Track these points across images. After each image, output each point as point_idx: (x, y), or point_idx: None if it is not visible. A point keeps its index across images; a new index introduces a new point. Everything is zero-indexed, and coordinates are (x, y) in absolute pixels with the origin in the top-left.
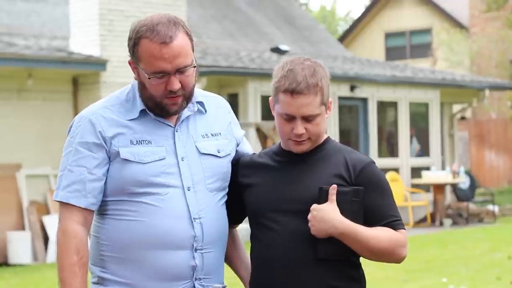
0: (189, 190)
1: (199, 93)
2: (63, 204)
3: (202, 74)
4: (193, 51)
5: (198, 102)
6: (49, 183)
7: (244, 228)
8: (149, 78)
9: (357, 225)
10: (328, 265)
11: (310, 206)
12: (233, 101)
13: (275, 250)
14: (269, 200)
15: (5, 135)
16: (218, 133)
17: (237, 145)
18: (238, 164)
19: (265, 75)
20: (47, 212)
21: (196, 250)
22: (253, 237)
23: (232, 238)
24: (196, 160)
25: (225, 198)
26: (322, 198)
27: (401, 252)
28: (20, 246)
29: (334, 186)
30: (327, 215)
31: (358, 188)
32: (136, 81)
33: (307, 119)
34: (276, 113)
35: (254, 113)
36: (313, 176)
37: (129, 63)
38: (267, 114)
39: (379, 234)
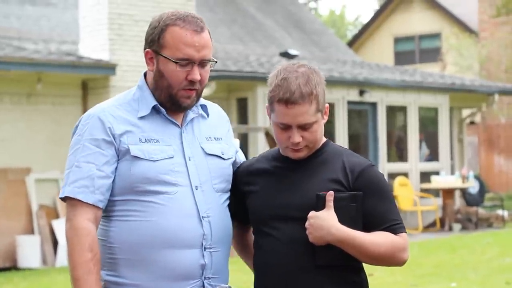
0: (197, 189)
1: (201, 99)
2: (71, 201)
3: (211, 79)
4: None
5: (201, 106)
6: (58, 187)
7: None
8: (176, 63)
9: (355, 231)
10: (327, 271)
11: (307, 212)
12: (242, 105)
13: (275, 257)
14: (268, 207)
15: (14, 139)
16: (220, 137)
17: (236, 152)
18: (238, 170)
19: None
20: (56, 216)
21: (205, 248)
22: (255, 243)
23: (246, 243)
24: (202, 160)
25: (228, 201)
26: (319, 205)
27: (402, 256)
28: (29, 250)
29: (331, 192)
30: (324, 223)
31: (355, 193)
32: (143, 79)
33: (304, 127)
34: (272, 122)
35: (263, 117)
36: (311, 182)
37: (146, 53)
38: None
39: (378, 240)
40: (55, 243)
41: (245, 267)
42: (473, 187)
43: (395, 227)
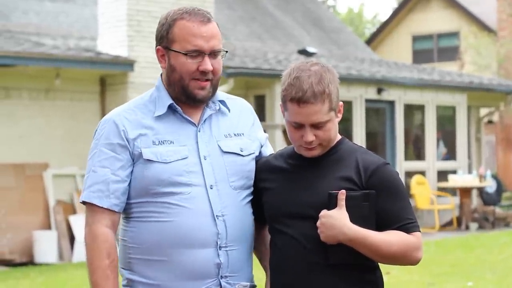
0: (211, 188)
1: (221, 95)
2: (89, 206)
3: (230, 76)
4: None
5: (219, 101)
6: (76, 182)
7: None
8: (186, 54)
9: (367, 230)
10: (340, 270)
11: (320, 211)
12: (260, 102)
13: (288, 255)
14: (282, 204)
15: (32, 135)
16: (241, 133)
17: (261, 147)
18: (256, 166)
19: None
20: (73, 211)
21: (220, 247)
22: (270, 241)
23: (261, 240)
24: (218, 158)
25: (250, 197)
26: (331, 203)
27: (415, 255)
28: (46, 246)
29: (343, 191)
30: (336, 222)
31: (368, 192)
32: (160, 79)
33: (316, 126)
34: (285, 120)
35: (280, 114)
36: (324, 180)
37: (157, 51)
38: None
39: (390, 239)
40: (72, 238)
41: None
42: (490, 186)
43: (408, 226)
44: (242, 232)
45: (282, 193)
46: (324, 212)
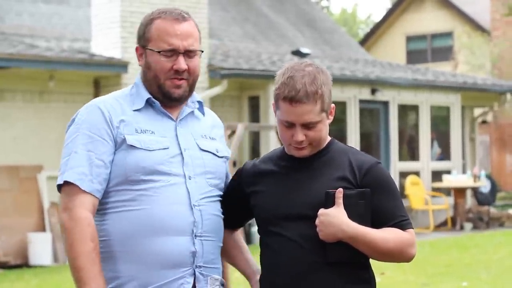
0: (190, 179)
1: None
2: (69, 188)
3: (223, 77)
4: (199, 43)
5: (198, 102)
6: None
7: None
8: (159, 52)
9: (365, 227)
10: (339, 269)
11: (317, 210)
12: (254, 103)
13: (285, 256)
14: (276, 206)
15: (26, 137)
16: (214, 138)
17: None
18: (242, 172)
19: None
20: None
21: (196, 236)
22: (262, 244)
23: (234, 240)
24: (197, 154)
25: (220, 199)
26: (328, 202)
27: (410, 252)
28: (40, 248)
29: (340, 190)
30: (335, 220)
31: (364, 190)
32: (139, 76)
33: (307, 126)
34: (277, 119)
35: (274, 116)
36: (319, 180)
37: (136, 49)
38: None
39: (387, 235)
40: None
41: None
42: (484, 186)
43: (403, 223)
44: (215, 226)
45: (275, 195)
46: (322, 211)
